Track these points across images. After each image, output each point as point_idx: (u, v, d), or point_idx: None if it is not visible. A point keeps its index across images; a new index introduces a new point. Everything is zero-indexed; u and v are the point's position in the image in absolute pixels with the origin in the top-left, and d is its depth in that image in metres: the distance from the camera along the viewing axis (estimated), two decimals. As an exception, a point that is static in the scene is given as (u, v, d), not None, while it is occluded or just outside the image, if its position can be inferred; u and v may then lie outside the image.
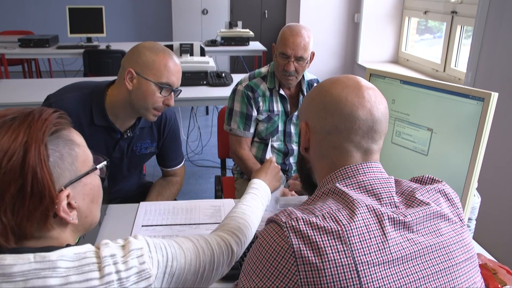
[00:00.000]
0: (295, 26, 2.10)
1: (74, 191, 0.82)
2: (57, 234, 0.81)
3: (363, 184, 0.88)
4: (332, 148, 0.93)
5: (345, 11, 5.06)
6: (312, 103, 0.98)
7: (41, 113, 0.80)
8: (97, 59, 4.64)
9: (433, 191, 0.92)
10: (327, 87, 0.96)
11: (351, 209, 0.80)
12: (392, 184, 0.90)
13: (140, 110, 1.66)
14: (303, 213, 0.80)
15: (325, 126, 0.94)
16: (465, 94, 1.25)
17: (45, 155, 0.76)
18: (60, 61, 6.69)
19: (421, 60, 4.33)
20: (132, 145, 1.80)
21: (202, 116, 5.80)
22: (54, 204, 0.77)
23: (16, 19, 7.12)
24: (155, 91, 1.61)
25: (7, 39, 5.35)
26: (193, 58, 3.58)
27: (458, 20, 3.66)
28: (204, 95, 3.32)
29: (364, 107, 0.92)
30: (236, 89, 2.24)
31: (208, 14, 6.91)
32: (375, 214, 0.81)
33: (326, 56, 5.12)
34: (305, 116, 1.00)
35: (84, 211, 0.85)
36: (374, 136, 0.93)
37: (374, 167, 0.91)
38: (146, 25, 7.65)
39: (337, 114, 0.92)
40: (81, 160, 0.84)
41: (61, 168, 0.79)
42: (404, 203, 0.88)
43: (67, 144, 0.81)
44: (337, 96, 0.93)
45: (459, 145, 1.27)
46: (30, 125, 0.77)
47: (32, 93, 3.26)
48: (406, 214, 0.83)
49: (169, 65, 1.62)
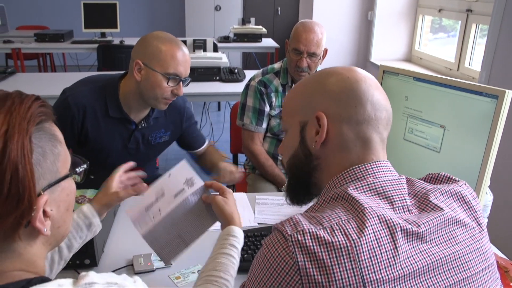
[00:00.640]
0: (309, 22, 2.11)
1: (52, 196, 0.68)
2: (22, 248, 0.67)
3: (374, 186, 0.82)
4: (360, 140, 0.85)
5: (359, 9, 5.04)
6: (329, 90, 0.88)
7: (22, 98, 0.66)
8: (110, 54, 4.69)
9: (448, 194, 0.86)
10: (346, 74, 0.88)
11: (362, 220, 0.74)
12: (404, 186, 0.84)
13: (149, 101, 1.68)
14: (310, 224, 0.74)
15: (355, 115, 0.85)
16: (479, 91, 1.25)
17: (29, 150, 0.63)
18: (74, 56, 6.76)
19: (434, 58, 4.30)
20: (148, 135, 1.83)
21: (214, 111, 5.82)
22: (31, 211, 0.64)
23: (32, 15, 7.20)
24: (163, 82, 1.62)
25: (24, 33, 5.43)
26: (206, 53, 3.61)
27: (473, 18, 3.63)
28: (216, 91, 3.33)
29: (385, 97, 0.89)
30: (249, 84, 2.25)
31: (221, 10, 6.92)
32: (387, 226, 0.74)
33: (339, 53, 5.11)
34: (318, 105, 0.88)
35: (57, 221, 0.71)
36: (389, 127, 0.90)
37: (383, 166, 0.86)
38: (159, 21, 7.69)
39: (369, 101, 0.85)
40: (62, 159, 0.70)
41: (43, 167, 0.66)
42: (417, 206, 0.83)
43: (50, 139, 0.68)
44: (364, 83, 0.87)
45: (472, 142, 1.28)
46: (11, 112, 0.63)
47: (47, 86, 3.31)
48: (420, 224, 0.77)
49: (177, 55, 1.62)
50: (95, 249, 1.26)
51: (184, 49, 1.67)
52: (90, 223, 1.14)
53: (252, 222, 1.56)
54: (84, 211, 1.15)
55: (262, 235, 1.39)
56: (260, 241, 1.36)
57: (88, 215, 1.14)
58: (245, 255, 1.31)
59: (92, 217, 1.15)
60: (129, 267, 1.30)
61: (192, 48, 3.61)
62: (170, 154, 4.36)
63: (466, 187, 0.90)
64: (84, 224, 1.13)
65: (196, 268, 1.29)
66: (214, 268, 1.04)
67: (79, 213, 1.14)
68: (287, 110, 0.96)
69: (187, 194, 1.18)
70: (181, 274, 1.27)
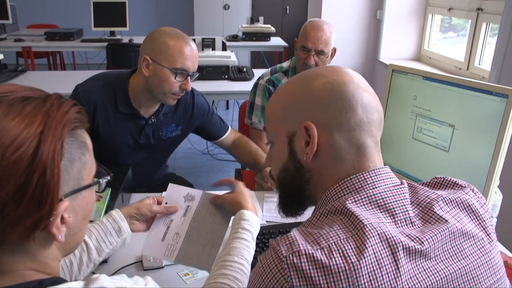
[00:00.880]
0: (317, 20, 2.11)
1: (72, 203, 0.67)
2: (35, 250, 0.66)
3: (374, 198, 0.77)
4: (354, 147, 0.80)
5: (368, 8, 5.03)
6: (315, 96, 0.81)
7: (61, 102, 0.67)
8: (119, 52, 4.71)
9: (453, 203, 0.81)
10: (331, 76, 0.82)
11: (361, 240, 0.69)
12: (406, 195, 0.79)
13: (158, 96, 1.70)
14: (306, 242, 0.70)
15: (347, 121, 0.79)
16: (488, 90, 1.24)
17: (59, 155, 0.62)
18: (84, 54, 6.80)
19: (444, 58, 4.28)
20: (158, 130, 1.84)
21: (223, 110, 5.83)
22: (50, 215, 0.63)
23: (43, 13, 7.25)
24: (170, 77, 1.63)
25: (34, 32, 5.47)
26: (215, 52, 3.61)
27: (483, 17, 3.60)
28: (225, 89, 3.34)
29: (374, 97, 0.83)
30: (258, 83, 2.26)
31: (230, 9, 6.93)
32: (388, 245, 0.69)
33: (347, 52, 5.09)
34: (305, 114, 0.81)
35: (73, 228, 0.70)
36: (381, 128, 0.84)
37: (383, 174, 0.81)
38: (168, 19, 7.71)
39: (359, 105, 0.79)
40: (88, 168, 0.70)
41: (69, 173, 0.65)
42: (420, 217, 0.78)
43: (80, 146, 0.68)
44: (351, 85, 0.81)
45: (481, 142, 1.27)
46: (48, 114, 0.63)
47: (57, 84, 3.34)
48: (423, 240, 0.72)
49: (184, 50, 1.63)
50: (105, 245, 1.27)
51: (192, 44, 1.67)
52: (119, 228, 1.15)
53: (261, 220, 1.56)
54: (113, 215, 1.16)
55: (270, 233, 1.40)
56: (269, 239, 1.36)
57: (117, 218, 1.16)
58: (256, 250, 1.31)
59: (121, 221, 1.15)
60: (138, 264, 1.31)
61: (200, 47, 3.62)
62: (179, 153, 4.38)
63: (473, 194, 0.86)
64: (113, 228, 1.15)
65: (205, 265, 1.30)
66: (228, 253, 1.05)
67: (108, 217, 1.16)
68: (270, 120, 0.89)
69: (194, 208, 1.23)
70: (190, 271, 1.28)
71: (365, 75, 4.56)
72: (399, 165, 1.55)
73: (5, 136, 0.59)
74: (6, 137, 0.58)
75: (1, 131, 0.59)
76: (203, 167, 4.12)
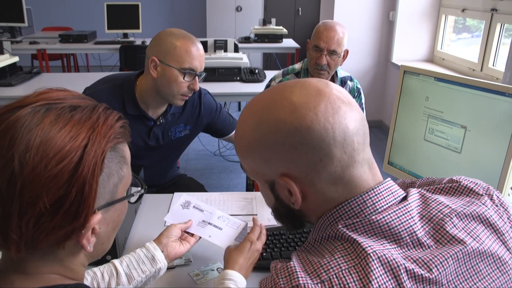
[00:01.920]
0: (330, 21, 2.12)
1: (104, 215, 0.67)
2: (64, 256, 0.66)
3: (377, 225, 0.70)
4: (341, 184, 0.73)
5: (380, 9, 5.00)
6: (281, 152, 0.72)
7: (107, 115, 0.67)
8: (132, 54, 4.75)
9: (469, 218, 0.74)
10: (291, 123, 0.70)
11: (365, 271, 0.64)
12: (412, 212, 0.72)
13: (166, 97, 1.71)
14: (306, 274, 0.65)
15: (324, 168, 0.71)
16: (501, 91, 1.23)
17: (99, 170, 0.62)
18: (97, 56, 6.87)
19: (457, 59, 4.24)
20: (167, 131, 1.85)
21: (234, 111, 5.85)
22: (83, 228, 0.63)
23: (57, 16, 7.35)
24: (179, 77, 1.65)
25: (49, 35, 5.56)
26: (227, 54, 3.63)
27: (498, 18, 3.57)
28: (237, 91, 3.35)
29: (348, 115, 0.71)
30: (270, 85, 2.27)
31: (242, 11, 6.95)
32: (394, 276, 0.64)
33: (359, 54, 5.08)
34: (276, 167, 0.73)
35: (103, 238, 0.70)
36: (367, 142, 0.75)
37: (383, 191, 0.73)
38: (180, 22, 7.76)
39: (332, 146, 0.70)
40: (124, 182, 0.70)
41: (105, 187, 0.65)
42: (431, 235, 0.71)
43: (120, 161, 0.68)
44: (316, 127, 0.69)
45: (493, 143, 1.26)
46: (94, 127, 0.63)
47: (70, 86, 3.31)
48: (432, 266, 0.66)
49: (191, 50, 1.65)
50: (116, 245, 1.29)
51: (198, 44, 1.69)
52: (152, 257, 1.14)
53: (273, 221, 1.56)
54: (147, 245, 1.16)
55: (280, 234, 1.40)
56: (280, 240, 1.36)
57: (150, 248, 1.15)
58: (263, 253, 1.32)
59: (154, 250, 1.15)
60: (149, 264, 1.32)
61: (213, 49, 3.64)
62: (191, 154, 4.40)
63: (491, 203, 0.78)
64: (145, 257, 1.14)
65: (215, 266, 1.31)
66: None
67: (142, 247, 1.16)
68: (244, 164, 0.81)
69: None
70: (200, 271, 1.29)
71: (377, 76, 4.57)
72: (411, 167, 1.54)
73: (50, 147, 0.59)
74: (51, 148, 0.59)
75: (47, 141, 0.59)
76: (215, 169, 4.13)
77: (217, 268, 1.30)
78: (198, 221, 1.29)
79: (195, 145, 4.44)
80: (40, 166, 0.58)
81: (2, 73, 3.30)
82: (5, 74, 3.33)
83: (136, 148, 1.81)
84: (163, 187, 2.04)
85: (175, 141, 1.91)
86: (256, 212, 1.60)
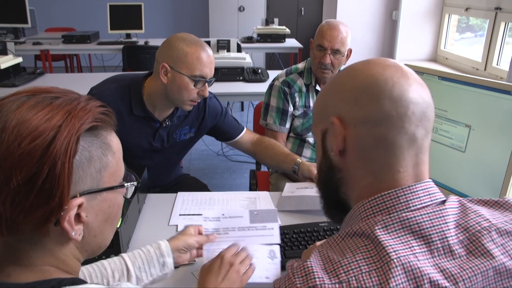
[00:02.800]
0: (334, 21, 2.12)
1: (90, 203, 0.68)
2: (52, 245, 0.68)
3: (408, 223, 0.68)
4: (381, 145, 0.72)
5: (383, 8, 5.00)
6: (343, 91, 0.77)
7: (87, 102, 0.69)
8: (135, 54, 4.75)
9: (510, 235, 0.69)
10: (361, 68, 0.77)
11: (385, 276, 0.62)
12: (447, 218, 0.69)
13: (175, 102, 1.72)
14: (324, 273, 0.65)
15: (370, 115, 0.72)
16: (505, 90, 1.23)
17: (72, 149, 0.63)
18: (100, 57, 6.88)
19: (460, 58, 4.23)
20: (172, 133, 1.86)
21: (237, 112, 5.85)
22: (60, 210, 0.64)
23: (60, 17, 7.37)
24: (189, 84, 1.65)
25: (52, 35, 5.57)
26: (230, 54, 3.63)
27: (502, 16, 3.56)
28: (240, 91, 3.35)
29: (413, 88, 0.73)
30: (273, 84, 2.26)
31: (245, 11, 6.95)
32: (416, 285, 0.62)
33: (363, 53, 5.07)
34: (333, 110, 0.77)
35: (93, 229, 0.71)
36: (427, 124, 0.74)
37: (420, 191, 0.72)
38: (183, 22, 7.77)
39: (386, 97, 0.72)
40: (110, 171, 0.71)
41: (85, 171, 0.66)
42: (465, 245, 0.68)
43: (102, 146, 0.69)
44: (380, 77, 0.73)
45: (498, 142, 1.26)
46: (70, 111, 0.65)
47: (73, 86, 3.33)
48: (459, 280, 0.63)
49: (202, 57, 1.64)
50: (120, 244, 1.29)
51: (209, 51, 1.68)
52: (164, 262, 1.13)
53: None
54: (161, 248, 1.14)
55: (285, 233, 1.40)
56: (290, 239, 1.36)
57: (164, 252, 1.13)
58: (285, 250, 1.32)
59: (167, 256, 1.13)
60: (153, 263, 1.32)
61: (216, 49, 3.64)
62: (194, 154, 4.40)
63: None
64: (157, 262, 1.13)
65: (219, 265, 1.30)
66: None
67: (157, 248, 1.14)
68: (313, 119, 0.87)
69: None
70: (204, 270, 1.29)
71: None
72: (415, 166, 1.53)
73: (25, 127, 0.61)
74: (26, 128, 0.61)
75: (23, 122, 0.62)
76: (218, 169, 4.13)
77: (221, 267, 1.29)
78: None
79: (198, 145, 4.44)
80: (14, 145, 0.60)
81: (5, 74, 3.30)
82: (8, 75, 3.34)
83: (140, 149, 1.82)
84: (166, 187, 2.04)
85: (180, 143, 1.91)
86: (260, 212, 1.60)
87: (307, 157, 2.27)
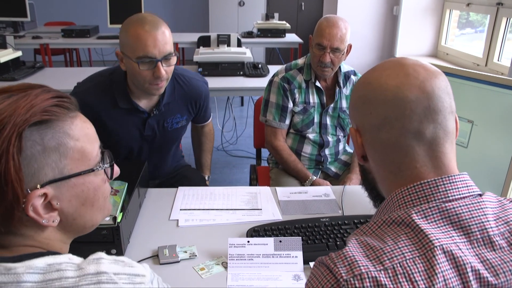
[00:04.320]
0: (332, 17, 2.09)
1: (59, 190, 0.70)
2: (32, 232, 0.70)
3: (447, 214, 0.68)
4: (389, 147, 0.75)
5: (384, 3, 4.98)
6: (356, 101, 0.81)
7: (36, 95, 0.68)
8: (135, 49, 4.74)
9: None
10: (364, 77, 0.81)
11: (430, 263, 0.62)
12: (486, 210, 0.69)
13: (140, 88, 1.65)
14: (367, 260, 0.64)
15: (372, 121, 0.76)
16: (508, 85, 1.22)
17: (16, 146, 0.63)
18: (99, 51, 6.86)
19: (461, 54, 4.22)
20: (163, 122, 1.83)
21: (237, 107, 5.83)
22: (19, 203, 0.65)
23: (60, 11, 7.34)
24: (137, 67, 1.53)
25: (51, 29, 5.55)
26: (230, 48, 3.62)
27: (503, 12, 3.55)
28: (240, 86, 3.34)
29: (411, 85, 0.74)
30: (273, 80, 2.25)
31: (245, 5, 6.93)
32: (459, 273, 0.62)
33: (363, 48, 5.06)
34: (353, 120, 0.83)
35: (71, 214, 0.73)
36: (435, 117, 0.74)
37: (458, 182, 0.72)
38: (183, 16, 7.75)
39: (380, 103, 0.74)
40: (74, 157, 0.71)
41: (41, 163, 0.67)
42: (506, 237, 0.67)
43: (57, 137, 0.69)
44: (376, 82, 0.77)
45: (501, 137, 1.25)
46: (15, 109, 0.65)
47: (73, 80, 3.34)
48: (500, 272, 0.63)
49: (140, 36, 1.50)
50: (121, 239, 1.28)
51: (150, 27, 1.51)
52: None
53: (277, 215, 1.56)
54: None
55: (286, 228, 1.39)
56: (292, 234, 1.36)
57: None
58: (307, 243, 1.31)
59: None
60: (154, 258, 1.32)
61: (216, 43, 3.63)
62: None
63: None
64: None
65: (221, 260, 1.30)
66: None
67: None
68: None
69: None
70: (205, 265, 1.29)
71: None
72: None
73: None
74: None
75: None
76: (218, 164, 4.13)
77: (222, 262, 1.30)
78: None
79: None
80: None
81: (5, 68, 3.29)
82: (8, 69, 3.32)
83: (133, 140, 1.81)
84: (166, 178, 2.04)
85: (172, 132, 1.89)
86: (261, 207, 1.60)
87: (307, 153, 2.26)
